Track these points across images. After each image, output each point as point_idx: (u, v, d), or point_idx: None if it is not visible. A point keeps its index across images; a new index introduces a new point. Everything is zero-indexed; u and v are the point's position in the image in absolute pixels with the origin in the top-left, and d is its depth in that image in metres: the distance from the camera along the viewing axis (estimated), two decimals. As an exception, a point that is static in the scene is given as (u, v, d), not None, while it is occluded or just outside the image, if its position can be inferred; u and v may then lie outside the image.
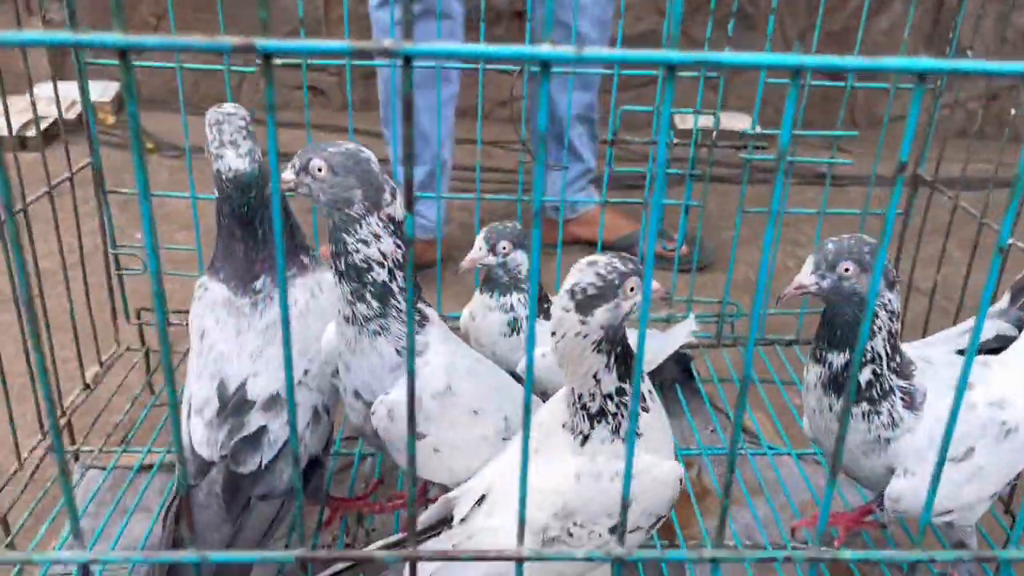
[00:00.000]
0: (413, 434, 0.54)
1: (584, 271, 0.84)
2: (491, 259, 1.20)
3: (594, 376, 0.87)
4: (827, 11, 2.15)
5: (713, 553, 0.67)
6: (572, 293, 0.84)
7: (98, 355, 1.53)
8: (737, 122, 2.83)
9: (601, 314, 0.84)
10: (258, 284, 1.11)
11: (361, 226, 0.95)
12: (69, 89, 1.48)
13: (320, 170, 0.93)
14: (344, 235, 0.95)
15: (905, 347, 1.11)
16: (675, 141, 1.52)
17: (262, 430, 1.05)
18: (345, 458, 1.43)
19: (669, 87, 0.52)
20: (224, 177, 1.08)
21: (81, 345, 1.46)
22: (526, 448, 0.62)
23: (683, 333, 1.49)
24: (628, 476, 0.66)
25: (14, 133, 2.70)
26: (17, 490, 1.26)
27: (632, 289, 0.84)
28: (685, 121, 2.85)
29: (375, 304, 0.97)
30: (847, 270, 0.96)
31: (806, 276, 0.98)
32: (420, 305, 1.05)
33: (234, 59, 1.50)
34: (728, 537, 1.28)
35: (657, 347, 1.44)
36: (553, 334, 0.86)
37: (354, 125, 1.60)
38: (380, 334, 0.98)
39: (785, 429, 1.50)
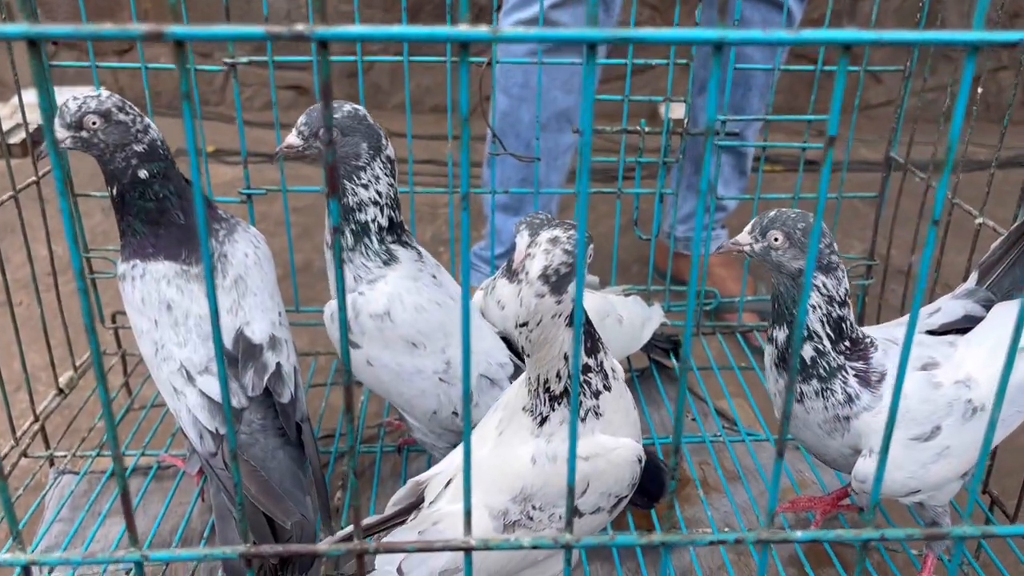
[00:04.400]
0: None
1: (551, 251, 0.82)
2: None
3: (564, 355, 0.86)
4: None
5: (663, 538, 0.66)
6: (546, 277, 0.82)
7: (72, 360, 1.52)
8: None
9: (572, 288, 0.83)
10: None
11: (365, 172, 1.09)
12: (56, 95, 1.47)
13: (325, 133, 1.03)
14: (346, 181, 1.09)
15: (872, 329, 1.11)
16: (647, 130, 1.51)
17: (278, 366, 1.13)
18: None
19: (591, 68, 0.51)
20: (160, 140, 1.11)
21: (55, 351, 1.45)
22: (467, 440, 0.61)
23: (658, 316, 1.49)
24: (573, 457, 0.65)
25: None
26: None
27: (590, 255, 0.84)
28: (675, 111, 2.84)
29: (349, 240, 1.12)
30: (776, 239, 0.98)
31: (743, 236, 1.01)
32: (395, 246, 1.14)
33: (210, 61, 1.49)
34: (705, 524, 1.27)
35: (640, 319, 1.44)
36: (524, 325, 0.85)
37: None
38: (344, 263, 1.12)
39: (764, 415, 1.50)
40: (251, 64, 1.48)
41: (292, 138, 1.08)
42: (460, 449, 1.01)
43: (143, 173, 1.10)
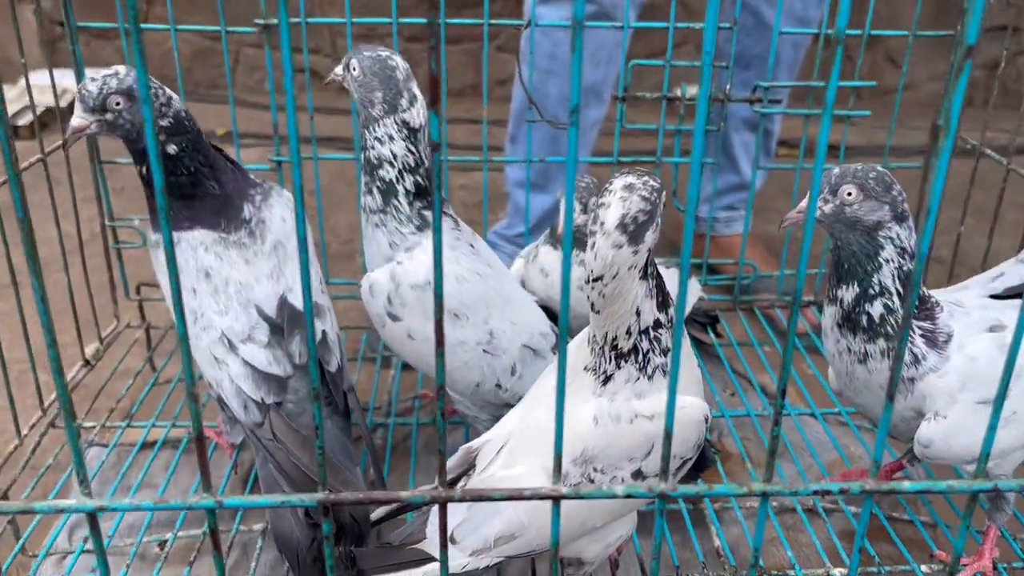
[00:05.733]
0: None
1: (628, 199, 0.78)
2: (583, 218, 1.19)
3: (636, 310, 0.82)
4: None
5: (763, 487, 0.63)
6: (624, 227, 0.77)
7: (98, 332, 1.48)
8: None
9: (650, 236, 0.79)
10: (245, 214, 1.13)
11: (379, 126, 1.05)
12: (62, 77, 1.44)
13: (354, 69, 1.05)
14: (365, 131, 1.06)
15: (935, 292, 1.07)
16: (687, 98, 1.48)
17: (324, 334, 1.12)
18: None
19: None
20: (186, 113, 1.08)
21: (81, 324, 1.41)
22: (562, 381, 0.58)
23: (695, 290, 1.46)
24: (672, 407, 0.62)
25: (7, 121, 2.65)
26: (18, 468, 1.22)
27: (664, 201, 0.80)
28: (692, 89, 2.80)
29: (379, 199, 1.08)
30: (849, 194, 0.94)
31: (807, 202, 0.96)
32: (427, 212, 1.09)
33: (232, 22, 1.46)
34: (752, 499, 1.24)
35: (678, 292, 1.41)
36: (599, 279, 0.80)
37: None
38: (379, 227, 1.09)
39: (809, 390, 1.46)
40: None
41: (338, 68, 1.08)
42: (510, 416, 0.98)
43: (172, 148, 1.06)
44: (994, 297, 1.07)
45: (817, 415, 1.40)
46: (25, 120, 2.90)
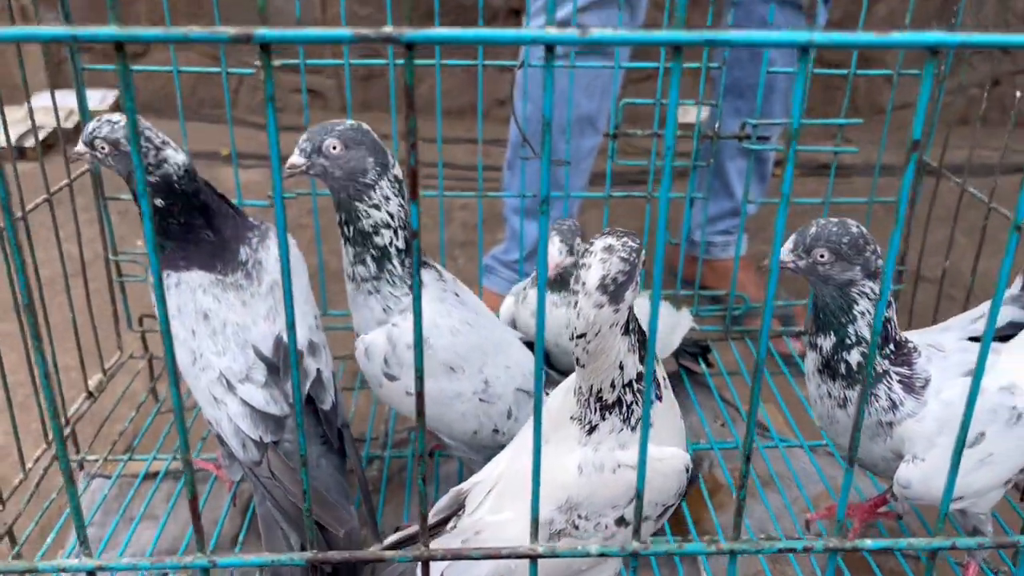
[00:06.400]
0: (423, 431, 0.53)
1: (608, 260, 0.81)
2: (570, 260, 1.20)
3: (620, 364, 0.85)
4: (826, -1, 2.12)
5: (731, 545, 0.66)
6: (604, 287, 0.80)
7: (101, 363, 1.52)
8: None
9: (629, 295, 0.82)
10: (241, 256, 1.15)
11: (375, 191, 1.04)
12: (66, 98, 1.48)
13: (335, 148, 1.01)
14: (356, 203, 1.04)
15: (915, 333, 1.10)
16: (678, 133, 1.51)
17: (319, 372, 1.14)
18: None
19: (676, 69, 0.51)
20: (178, 176, 1.10)
21: (84, 353, 1.45)
22: (538, 445, 0.61)
23: (686, 321, 1.49)
24: (643, 465, 0.65)
25: (12, 143, 2.70)
26: (23, 501, 1.25)
27: (644, 261, 0.83)
28: (687, 114, 2.83)
29: (373, 267, 1.07)
30: (822, 256, 0.97)
31: (785, 253, 1.00)
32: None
33: (232, 61, 1.50)
34: (743, 531, 1.26)
35: (670, 325, 1.44)
36: (582, 336, 0.83)
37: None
38: (372, 294, 1.09)
39: (796, 421, 1.49)
40: (283, 68, 1.48)
41: (294, 158, 1.02)
42: (500, 458, 1.01)
43: (159, 202, 1.10)
44: (974, 339, 1.10)
45: (804, 446, 1.43)
46: (29, 142, 2.95)
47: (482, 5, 1.46)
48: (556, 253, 1.19)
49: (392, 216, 1.05)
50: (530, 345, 1.25)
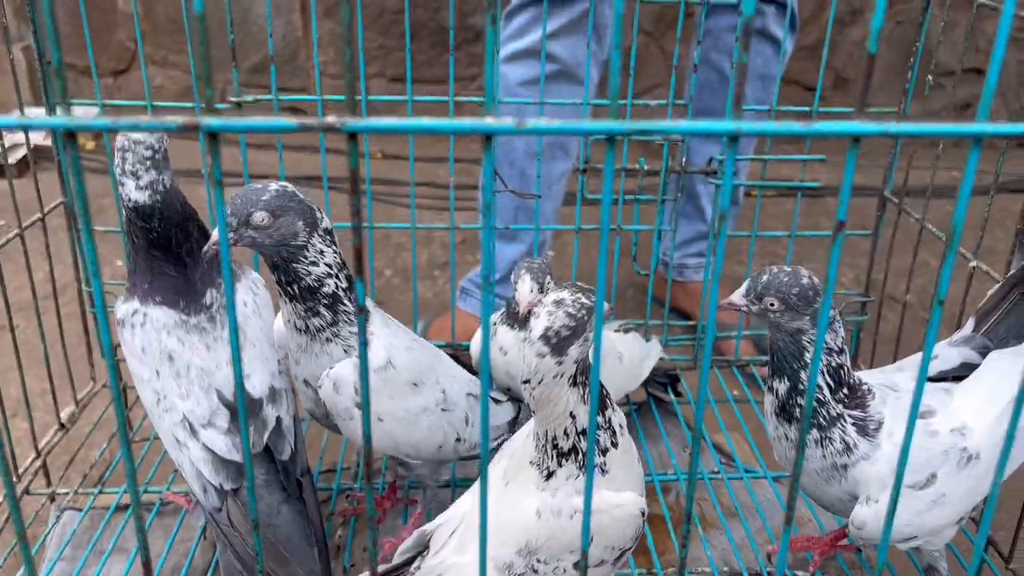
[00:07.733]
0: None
1: (554, 314, 0.84)
2: (539, 298, 1.21)
3: (571, 413, 0.88)
4: (803, 24, 2.17)
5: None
6: (547, 338, 0.83)
7: (74, 393, 1.52)
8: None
9: (574, 350, 0.84)
10: (207, 299, 1.14)
11: (308, 250, 1.01)
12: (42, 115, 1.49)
13: (263, 220, 0.97)
14: (294, 265, 1.02)
15: (871, 373, 1.13)
16: (645, 168, 1.53)
17: (278, 420, 1.13)
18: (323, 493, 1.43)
19: (611, 155, 0.53)
20: (125, 206, 1.09)
21: (56, 383, 1.45)
22: (484, 507, 0.62)
23: (656, 351, 1.52)
24: (587, 519, 0.67)
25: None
26: (-8, 534, 1.26)
27: (608, 313, 0.85)
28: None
29: (328, 315, 1.06)
30: (772, 304, 1.00)
31: (738, 297, 1.03)
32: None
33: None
34: (704, 563, 1.28)
35: (639, 355, 1.46)
36: (527, 382, 0.86)
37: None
38: (331, 340, 1.08)
39: (761, 451, 1.51)
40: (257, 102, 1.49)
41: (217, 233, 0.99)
42: (464, 498, 1.02)
43: (143, 224, 1.09)
44: (931, 379, 1.13)
45: (768, 477, 1.45)
46: (14, 158, 2.95)
47: (453, 30, 1.48)
48: (527, 292, 1.21)
49: (331, 266, 1.03)
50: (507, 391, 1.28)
